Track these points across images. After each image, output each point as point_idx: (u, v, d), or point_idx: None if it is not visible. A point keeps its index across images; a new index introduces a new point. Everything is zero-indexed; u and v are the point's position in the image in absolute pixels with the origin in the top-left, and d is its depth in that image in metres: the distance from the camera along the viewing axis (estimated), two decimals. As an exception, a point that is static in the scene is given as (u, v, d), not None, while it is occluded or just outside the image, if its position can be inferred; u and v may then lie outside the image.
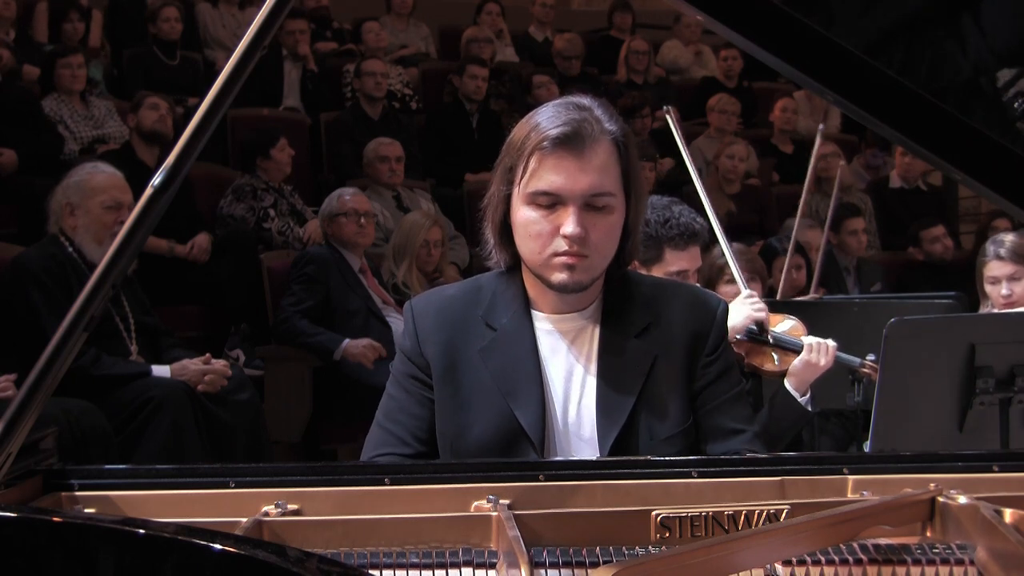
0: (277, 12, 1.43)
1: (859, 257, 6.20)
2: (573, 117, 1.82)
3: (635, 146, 1.90)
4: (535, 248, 1.84)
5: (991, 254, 3.71)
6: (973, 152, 1.43)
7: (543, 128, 1.81)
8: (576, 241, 1.80)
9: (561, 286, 1.84)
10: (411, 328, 1.93)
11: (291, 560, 1.11)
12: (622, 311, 1.92)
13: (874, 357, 3.05)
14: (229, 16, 7.58)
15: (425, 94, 7.63)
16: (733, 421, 1.92)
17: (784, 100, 7.87)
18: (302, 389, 4.98)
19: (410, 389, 1.92)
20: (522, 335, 1.90)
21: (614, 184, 1.84)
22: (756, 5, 1.41)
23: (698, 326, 1.92)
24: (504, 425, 1.85)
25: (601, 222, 1.83)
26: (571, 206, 1.80)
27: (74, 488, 1.56)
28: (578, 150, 1.80)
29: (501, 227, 1.90)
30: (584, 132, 1.81)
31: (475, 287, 1.97)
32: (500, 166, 1.88)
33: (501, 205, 1.88)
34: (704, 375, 1.91)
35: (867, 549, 1.43)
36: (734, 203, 6.70)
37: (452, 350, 1.90)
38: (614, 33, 8.72)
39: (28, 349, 1.94)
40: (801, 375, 2.95)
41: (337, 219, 5.12)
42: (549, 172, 1.81)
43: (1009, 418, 2.78)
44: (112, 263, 1.41)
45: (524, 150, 1.83)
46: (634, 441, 1.85)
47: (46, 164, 5.48)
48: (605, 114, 1.86)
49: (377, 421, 1.94)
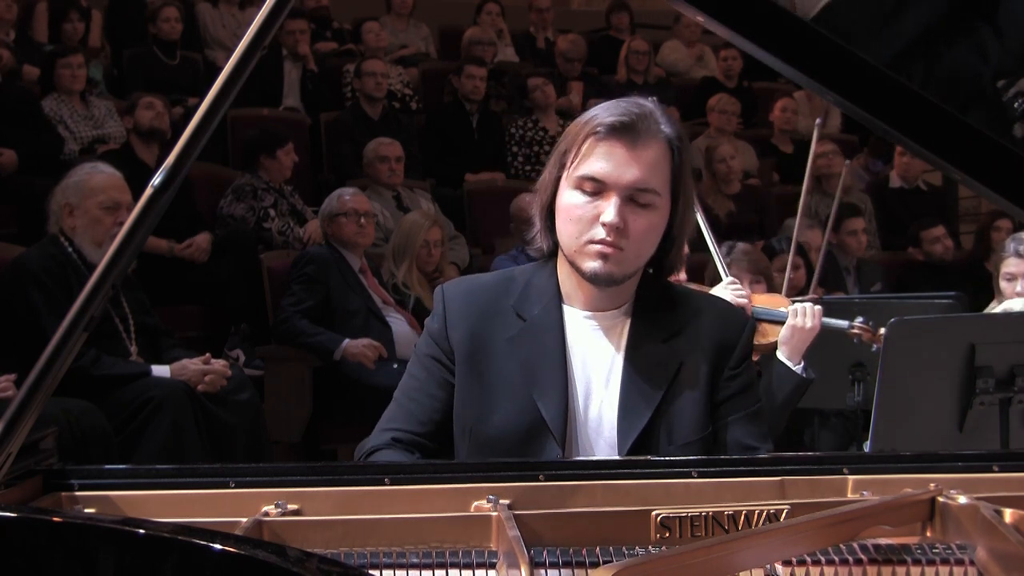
0: (277, 12, 1.43)
1: (859, 257, 6.20)
2: (632, 111, 1.84)
3: (690, 153, 1.91)
4: (573, 232, 1.85)
5: (1010, 251, 3.72)
6: (973, 152, 1.43)
7: (601, 116, 1.83)
8: (613, 231, 1.81)
9: (592, 275, 1.85)
10: (440, 311, 1.94)
11: (291, 560, 1.11)
12: (653, 314, 1.93)
13: (863, 319, 3.04)
14: (229, 16, 7.59)
15: (425, 94, 7.64)
16: (749, 438, 1.92)
17: (784, 100, 7.87)
18: (302, 389, 4.98)
19: (431, 370, 1.93)
20: (552, 327, 1.90)
21: (661, 184, 1.84)
22: (756, 5, 1.41)
23: (726, 338, 1.93)
24: (526, 416, 1.86)
25: (642, 218, 1.83)
26: (614, 195, 1.81)
27: (74, 488, 1.56)
28: (630, 141, 1.81)
29: (547, 211, 1.91)
30: (640, 126, 1.82)
31: (508, 277, 1.98)
32: (556, 150, 1.90)
33: (551, 187, 1.90)
34: (726, 387, 1.92)
35: (867, 549, 1.43)
36: (734, 203, 6.70)
37: (479, 337, 1.91)
38: (613, 33, 8.73)
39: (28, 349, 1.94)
40: (790, 342, 2.95)
41: (337, 219, 5.12)
42: (599, 158, 1.82)
43: (1009, 418, 2.78)
44: (112, 263, 1.40)
45: (580, 135, 1.84)
46: (653, 444, 1.86)
47: (46, 164, 5.48)
48: (664, 116, 1.87)
49: (395, 398, 1.96)
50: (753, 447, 1.92)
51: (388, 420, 1.94)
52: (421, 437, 1.90)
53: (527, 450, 1.85)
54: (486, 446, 1.86)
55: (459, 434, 1.91)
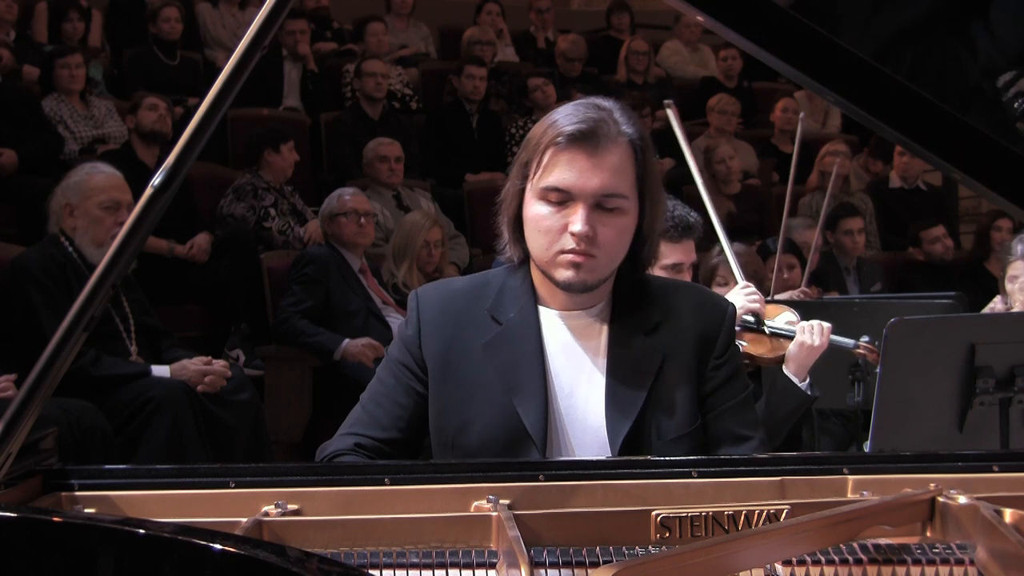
0: (277, 12, 1.43)
1: (859, 257, 6.20)
2: (591, 116, 1.82)
3: (653, 150, 1.89)
4: (543, 244, 1.83)
5: (1017, 253, 3.70)
6: (973, 152, 1.43)
7: (560, 124, 1.81)
8: (583, 240, 1.80)
9: (566, 284, 1.84)
10: (414, 318, 1.92)
11: (291, 560, 1.11)
12: (632, 309, 1.91)
13: (868, 338, 3.05)
14: (229, 16, 7.58)
15: (425, 94, 7.64)
16: (741, 427, 1.91)
17: (784, 100, 7.86)
18: (302, 389, 4.98)
19: (400, 377, 1.91)
20: (528, 330, 1.89)
21: (627, 187, 1.83)
22: (756, 5, 1.41)
23: (707, 327, 1.92)
24: (507, 422, 1.84)
25: (611, 223, 1.82)
26: (581, 204, 1.80)
27: (74, 488, 1.56)
28: (592, 148, 1.80)
29: (514, 221, 1.89)
30: (600, 131, 1.80)
31: (483, 281, 1.96)
32: (517, 161, 1.88)
33: (515, 199, 1.88)
34: (713, 378, 1.91)
35: (867, 549, 1.43)
36: (734, 203, 6.70)
37: (454, 344, 1.89)
38: (613, 33, 8.73)
39: (28, 349, 1.94)
40: (798, 359, 2.96)
41: (337, 219, 5.12)
42: (562, 168, 1.80)
43: (1009, 418, 2.78)
44: (112, 263, 1.41)
45: (540, 145, 1.83)
46: (645, 440, 1.84)
47: (46, 164, 5.49)
48: (624, 116, 1.85)
49: (361, 401, 1.94)
50: (745, 436, 1.91)
51: (352, 424, 1.91)
52: (383, 444, 1.88)
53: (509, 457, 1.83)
54: (469, 457, 1.83)
55: (442, 446, 1.88)
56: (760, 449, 1.91)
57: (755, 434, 1.92)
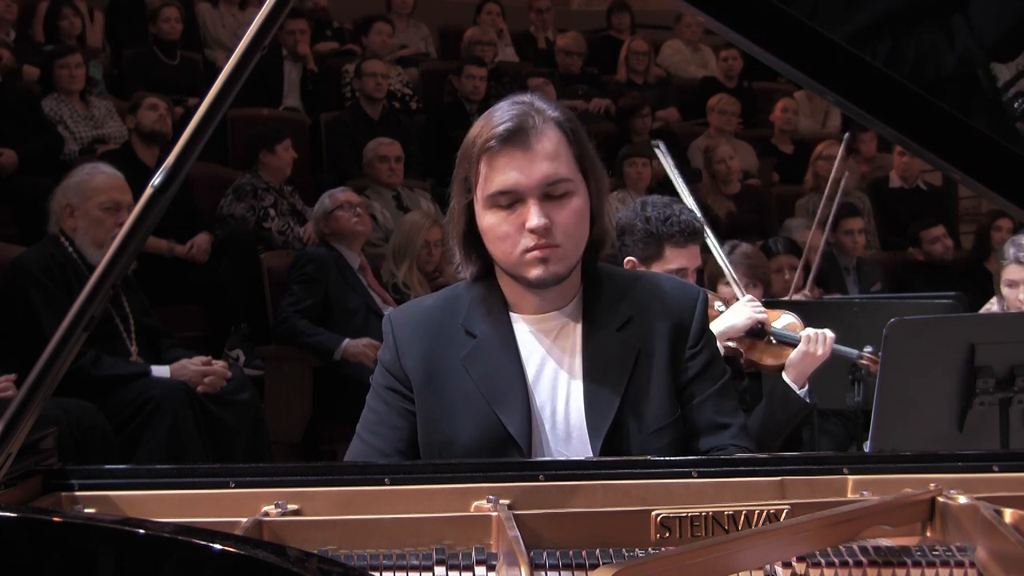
0: (277, 12, 1.43)
1: (859, 257, 6.20)
2: (513, 112, 1.82)
3: (583, 129, 1.88)
4: (506, 249, 1.83)
5: (1011, 257, 3.67)
6: (973, 152, 1.43)
7: (487, 130, 1.82)
8: (543, 233, 1.79)
9: (539, 281, 1.83)
10: (390, 341, 1.92)
11: (291, 560, 1.11)
12: (603, 306, 1.91)
13: (871, 349, 3.06)
14: (229, 16, 7.58)
15: (425, 94, 7.63)
16: (720, 415, 1.91)
17: (784, 100, 7.87)
18: (302, 389, 4.98)
19: (390, 401, 1.91)
20: (503, 340, 1.89)
21: (569, 169, 1.83)
22: (756, 5, 1.41)
23: (679, 317, 1.92)
24: (491, 432, 1.84)
25: (564, 208, 1.82)
26: (530, 199, 1.80)
27: (74, 488, 1.56)
28: (524, 142, 1.80)
29: (465, 238, 1.89)
30: (527, 124, 1.80)
31: (453, 296, 1.97)
32: (455, 179, 1.88)
33: (463, 216, 1.88)
34: (689, 368, 1.91)
35: (867, 551, 1.43)
36: (734, 203, 6.70)
37: (433, 361, 1.89)
38: (613, 33, 8.73)
39: (28, 349, 1.94)
40: (799, 366, 2.98)
41: (333, 214, 5.11)
42: (501, 171, 1.80)
43: (1009, 418, 2.78)
44: (112, 263, 1.41)
45: (473, 156, 1.83)
46: (624, 435, 1.85)
47: (46, 164, 5.48)
48: (545, 103, 1.85)
49: (358, 434, 1.94)
50: (725, 424, 1.90)
51: (355, 457, 1.91)
52: None
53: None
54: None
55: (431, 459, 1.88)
56: (740, 435, 1.91)
57: (734, 421, 1.92)
